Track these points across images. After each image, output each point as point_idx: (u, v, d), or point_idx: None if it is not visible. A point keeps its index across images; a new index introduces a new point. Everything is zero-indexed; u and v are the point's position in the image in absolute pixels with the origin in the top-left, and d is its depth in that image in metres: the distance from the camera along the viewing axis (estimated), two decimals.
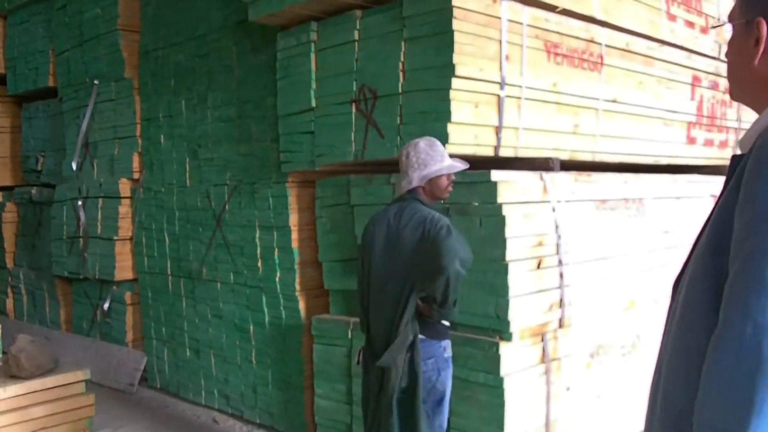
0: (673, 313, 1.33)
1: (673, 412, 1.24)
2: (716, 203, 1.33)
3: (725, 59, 1.41)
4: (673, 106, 5.15)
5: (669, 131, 5.17)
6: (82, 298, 6.87)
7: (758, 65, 1.34)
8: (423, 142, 3.19)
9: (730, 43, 1.44)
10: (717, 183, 5.55)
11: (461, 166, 3.21)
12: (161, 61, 5.93)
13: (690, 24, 5.49)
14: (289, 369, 4.86)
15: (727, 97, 5.81)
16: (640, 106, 4.83)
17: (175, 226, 5.78)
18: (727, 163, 1.29)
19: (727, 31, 1.56)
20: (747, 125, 6.04)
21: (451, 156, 3.25)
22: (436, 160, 3.15)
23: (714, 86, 5.65)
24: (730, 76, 1.46)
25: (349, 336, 4.24)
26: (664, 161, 5.20)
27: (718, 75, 5.67)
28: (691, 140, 5.46)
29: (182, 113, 5.71)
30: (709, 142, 5.68)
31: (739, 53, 1.40)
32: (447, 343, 3.21)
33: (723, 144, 5.85)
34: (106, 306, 6.46)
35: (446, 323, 3.20)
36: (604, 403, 4.19)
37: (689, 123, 5.38)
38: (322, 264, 4.59)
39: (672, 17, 5.25)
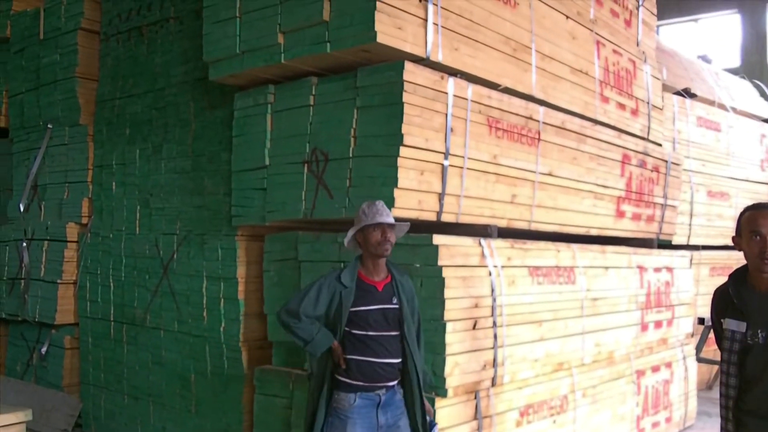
0: None
1: None
2: None
3: (653, 140, 1.60)
4: (604, 181, 5.52)
5: (600, 204, 5.53)
6: (19, 341, 6.78)
7: None
8: (366, 203, 3.43)
9: None
10: (644, 255, 5.93)
11: (383, 220, 3.36)
12: (117, 111, 6.06)
13: (621, 106, 5.93)
14: (228, 418, 4.92)
15: (654, 174, 6.25)
16: (573, 180, 5.18)
17: (121, 273, 5.84)
18: (652, 236, 1.47)
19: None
20: (673, 202, 6.46)
21: (397, 219, 3.47)
22: (369, 218, 3.37)
23: (642, 164, 6.06)
24: None
25: (291, 387, 4.36)
26: (594, 232, 5.54)
27: (647, 154, 6.10)
28: (620, 214, 5.83)
29: (136, 162, 5.83)
30: (636, 216, 6.07)
31: None
32: (341, 396, 3.37)
33: (650, 218, 6.25)
34: (44, 350, 6.40)
35: (339, 376, 3.38)
36: None
37: (619, 198, 5.76)
38: (267, 316, 4.72)
39: (605, 99, 5.68)
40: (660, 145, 6.51)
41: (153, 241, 5.57)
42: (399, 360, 3.38)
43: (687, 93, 8.00)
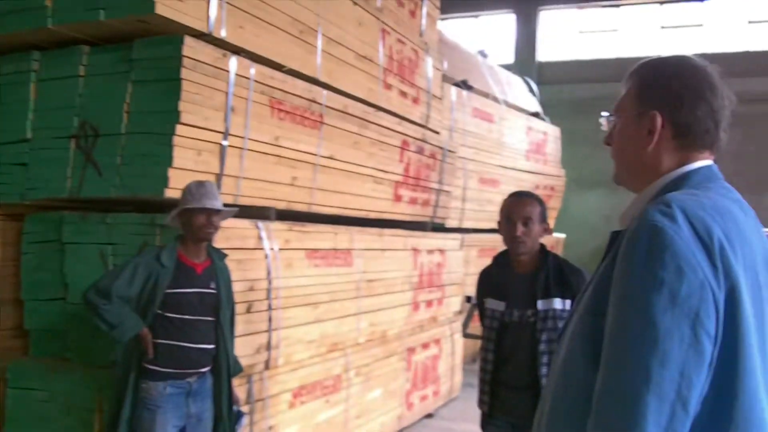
0: (557, 354, 1.60)
1: None
2: (596, 270, 1.57)
3: (432, 127, 1.63)
4: (384, 166, 5.70)
5: (379, 189, 5.71)
6: None
7: (648, 152, 1.56)
8: (194, 183, 3.31)
9: (621, 133, 1.63)
10: (418, 238, 6.23)
11: (210, 205, 3.29)
12: None
13: (403, 94, 6.15)
14: None
15: (430, 161, 6.57)
16: (354, 164, 5.29)
17: None
18: (427, 219, 1.55)
19: (607, 120, 1.70)
20: (448, 187, 6.83)
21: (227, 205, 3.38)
22: (194, 200, 3.24)
23: (420, 151, 6.35)
24: (619, 162, 1.64)
25: (50, 379, 4.05)
26: (373, 215, 5.71)
27: (425, 141, 6.39)
28: (398, 198, 6.07)
29: None
30: (413, 201, 6.35)
31: (631, 142, 1.59)
32: (150, 385, 3.25)
33: (425, 203, 6.57)
34: None
35: (147, 364, 3.25)
36: None
37: (397, 182, 5.98)
38: (24, 303, 4.33)
39: (388, 86, 5.86)
40: (438, 132, 6.85)
41: None
42: (213, 346, 3.31)
43: (465, 85, 8.49)
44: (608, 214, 12.34)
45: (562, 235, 11.14)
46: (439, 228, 7.07)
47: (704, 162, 1.54)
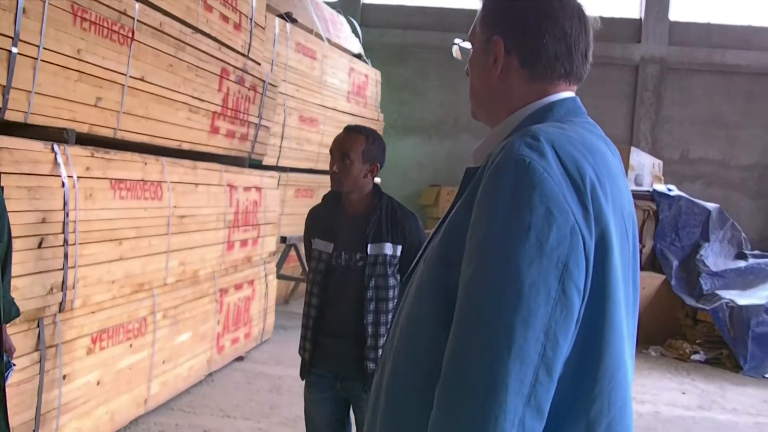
0: (400, 309, 1.37)
1: (397, 409, 1.30)
2: (448, 212, 1.33)
3: (253, 58, 1.37)
4: (200, 94, 5.26)
5: (194, 118, 5.27)
6: None
7: (496, 82, 1.37)
8: None
9: (471, 62, 1.44)
10: (235, 173, 5.88)
11: None
12: None
13: (225, 18, 5.69)
14: None
15: (251, 93, 6.20)
16: (168, 89, 4.81)
17: None
18: (245, 154, 1.31)
19: (461, 51, 1.53)
20: (267, 123, 6.51)
21: None
22: None
23: (241, 81, 5.95)
24: (473, 95, 1.45)
25: None
26: (186, 147, 5.27)
27: (246, 72, 6.00)
28: (215, 130, 5.66)
29: None
30: (231, 134, 5.97)
31: (480, 71, 1.41)
32: None
33: (243, 137, 6.21)
34: None
35: None
36: (105, 390, 4.06)
37: (214, 113, 5.56)
38: None
39: (209, 8, 5.38)
40: (259, 64, 6.47)
41: None
42: None
43: (289, 17, 8.11)
44: (422, 161, 12.58)
45: (378, 180, 11.19)
46: (256, 165, 6.74)
47: (566, 94, 1.38)
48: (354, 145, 2.86)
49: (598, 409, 1.21)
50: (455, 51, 1.55)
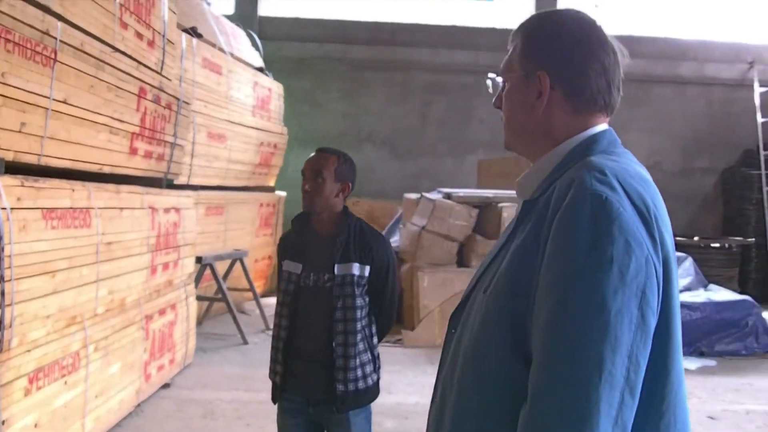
0: (458, 339, 1.40)
1: None
2: (504, 242, 1.37)
3: (166, 75, 1.35)
4: (120, 114, 5.07)
5: (114, 140, 5.07)
6: None
7: (539, 115, 1.40)
8: None
9: (508, 96, 1.45)
10: (155, 195, 5.70)
11: None
12: None
13: (139, 36, 5.51)
14: None
15: (167, 112, 6.03)
16: (90, 111, 4.61)
17: None
18: (161, 175, 1.29)
19: (493, 82, 1.55)
20: (182, 141, 6.35)
21: None
22: None
23: (157, 100, 5.78)
24: (511, 127, 1.47)
25: None
26: (107, 170, 5.06)
27: (162, 90, 5.83)
28: (134, 151, 5.47)
29: None
30: (148, 155, 5.77)
31: (520, 105, 1.43)
32: None
33: (160, 157, 6.02)
34: None
35: None
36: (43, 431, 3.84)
37: (133, 134, 5.37)
38: None
39: (124, 25, 5.19)
40: (171, 81, 6.30)
41: None
42: None
43: (194, 32, 7.94)
44: None
45: (284, 193, 11.13)
46: (169, 185, 6.55)
47: (604, 126, 1.46)
48: (326, 165, 2.87)
49: (666, 424, 1.31)
50: (489, 84, 1.60)
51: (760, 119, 10.85)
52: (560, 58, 1.42)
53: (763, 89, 11.14)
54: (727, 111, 12.41)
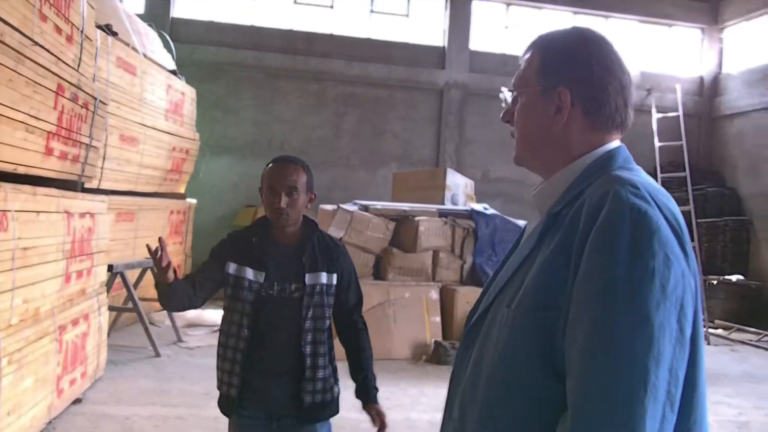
0: (479, 355, 1.36)
1: None
2: (526, 255, 1.33)
3: (83, 73, 1.27)
4: (37, 112, 4.76)
5: (30, 139, 4.75)
6: None
7: (558, 133, 1.37)
8: None
9: (523, 111, 1.42)
10: (70, 199, 5.39)
11: None
12: None
13: (58, 29, 5.21)
14: None
15: (83, 111, 5.72)
16: (6, 107, 4.31)
17: None
18: (75, 177, 1.20)
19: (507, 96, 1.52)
20: (96, 143, 6.05)
21: None
22: None
23: (74, 98, 5.47)
24: (525, 142, 1.44)
25: None
26: (21, 170, 4.74)
27: (79, 88, 5.53)
28: (49, 151, 5.15)
29: None
30: (63, 156, 5.45)
31: (537, 120, 1.40)
32: None
33: (75, 159, 5.70)
34: None
35: None
36: None
37: (49, 133, 5.06)
38: None
39: (44, 18, 4.90)
40: (88, 79, 5.99)
41: None
42: None
43: (109, 30, 7.60)
44: (236, 181, 12.28)
45: (194, 201, 10.80)
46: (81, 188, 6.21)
47: (618, 142, 1.48)
48: (299, 178, 2.76)
49: None
50: (502, 98, 1.58)
51: (657, 143, 11.44)
52: (581, 75, 1.42)
53: (660, 115, 11.75)
54: (627, 135, 12.97)
